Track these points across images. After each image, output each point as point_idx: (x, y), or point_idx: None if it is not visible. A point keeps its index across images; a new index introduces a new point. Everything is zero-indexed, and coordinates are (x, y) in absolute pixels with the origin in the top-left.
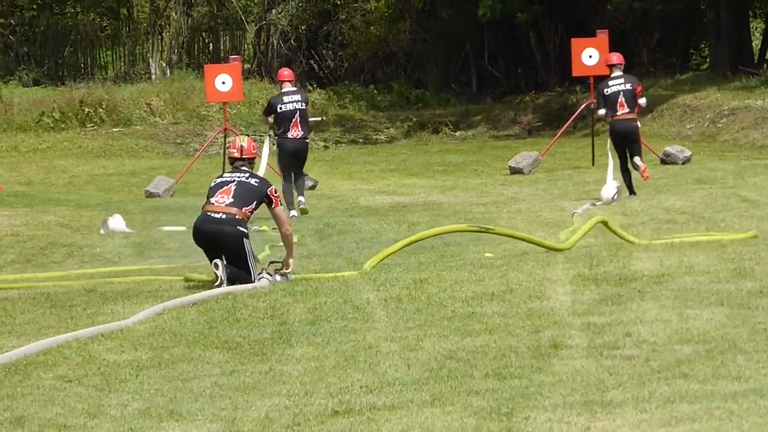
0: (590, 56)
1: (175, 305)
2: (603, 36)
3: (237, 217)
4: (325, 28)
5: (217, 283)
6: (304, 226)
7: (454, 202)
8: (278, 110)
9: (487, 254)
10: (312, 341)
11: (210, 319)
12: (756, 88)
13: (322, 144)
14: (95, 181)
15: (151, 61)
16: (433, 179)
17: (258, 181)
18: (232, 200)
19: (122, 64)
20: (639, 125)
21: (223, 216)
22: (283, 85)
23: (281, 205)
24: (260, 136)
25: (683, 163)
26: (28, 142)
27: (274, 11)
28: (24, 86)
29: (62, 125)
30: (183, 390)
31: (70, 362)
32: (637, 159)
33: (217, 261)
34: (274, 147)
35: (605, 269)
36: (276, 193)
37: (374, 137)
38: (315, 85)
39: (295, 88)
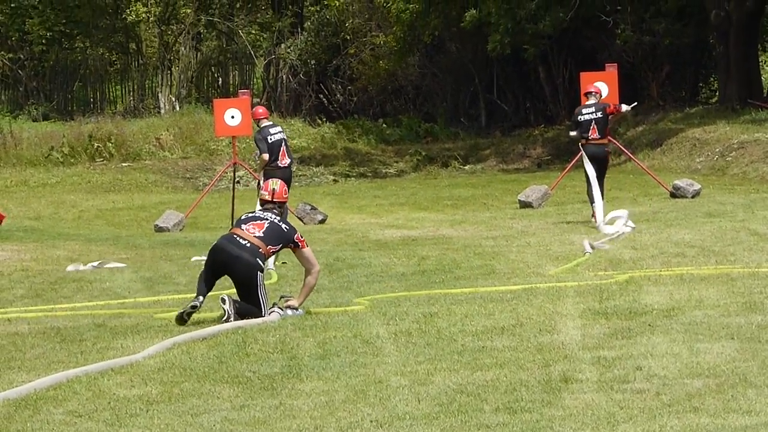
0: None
1: (184, 340)
2: (612, 70)
3: (260, 250)
4: (334, 62)
5: (224, 318)
6: None
7: (464, 236)
8: (269, 141)
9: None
10: (322, 376)
11: (220, 354)
12: (765, 122)
13: (331, 178)
14: (104, 216)
15: (160, 95)
16: (442, 213)
17: (288, 228)
18: (262, 235)
19: (131, 98)
20: (609, 150)
21: (248, 244)
22: (260, 121)
23: (308, 246)
24: None
25: (693, 197)
26: (38, 176)
27: (283, 46)
28: (33, 121)
29: (71, 160)
30: (193, 425)
31: (80, 397)
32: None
33: (224, 296)
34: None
35: (615, 303)
36: (302, 237)
37: (383, 171)
38: (324, 119)
39: (272, 122)
